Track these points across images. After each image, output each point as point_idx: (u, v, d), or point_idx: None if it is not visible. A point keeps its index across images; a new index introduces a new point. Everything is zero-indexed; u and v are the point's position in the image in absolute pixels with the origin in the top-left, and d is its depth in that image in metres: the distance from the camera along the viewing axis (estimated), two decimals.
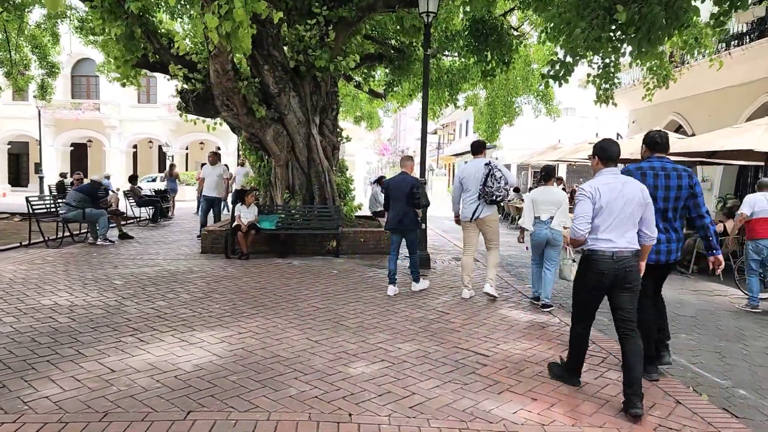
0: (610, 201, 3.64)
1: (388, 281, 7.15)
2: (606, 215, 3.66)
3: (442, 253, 10.88)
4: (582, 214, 3.67)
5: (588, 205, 3.66)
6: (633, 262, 3.69)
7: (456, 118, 50.15)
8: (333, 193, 11.01)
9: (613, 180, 3.72)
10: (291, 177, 10.81)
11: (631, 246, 3.70)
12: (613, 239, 3.65)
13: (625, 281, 3.68)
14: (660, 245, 4.18)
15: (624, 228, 3.67)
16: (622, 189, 3.68)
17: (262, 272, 8.11)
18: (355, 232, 10.15)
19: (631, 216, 3.67)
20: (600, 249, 3.67)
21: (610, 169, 3.78)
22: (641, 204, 3.70)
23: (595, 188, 3.68)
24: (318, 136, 10.81)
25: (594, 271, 3.70)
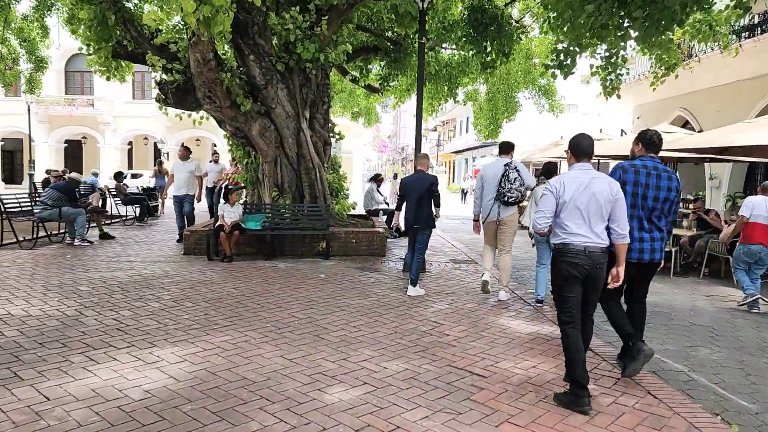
0: (575, 195, 3.65)
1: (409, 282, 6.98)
2: (571, 210, 3.67)
3: (438, 254, 10.31)
4: (543, 209, 3.75)
5: (550, 200, 3.72)
6: (603, 260, 3.72)
7: (456, 114, 49.57)
8: (324, 191, 10.45)
9: (581, 175, 3.71)
10: (279, 174, 10.25)
11: (601, 242, 3.70)
12: (584, 233, 3.66)
13: (595, 279, 3.74)
14: (643, 243, 4.15)
15: (592, 223, 3.67)
16: (590, 184, 3.66)
17: (244, 276, 7.54)
18: (347, 233, 9.58)
19: (598, 211, 3.66)
20: (572, 242, 3.68)
21: (581, 164, 3.78)
22: (609, 200, 3.67)
23: (561, 183, 3.70)
24: (308, 131, 10.24)
25: (567, 263, 3.70)
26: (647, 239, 4.17)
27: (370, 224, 10.70)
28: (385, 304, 6.32)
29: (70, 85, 34.59)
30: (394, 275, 8.07)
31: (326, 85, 10.76)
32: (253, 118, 9.35)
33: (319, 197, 10.33)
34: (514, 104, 19.79)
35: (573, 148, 3.85)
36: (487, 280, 6.80)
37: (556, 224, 3.78)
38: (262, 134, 9.55)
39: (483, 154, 42.50)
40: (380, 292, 6.91)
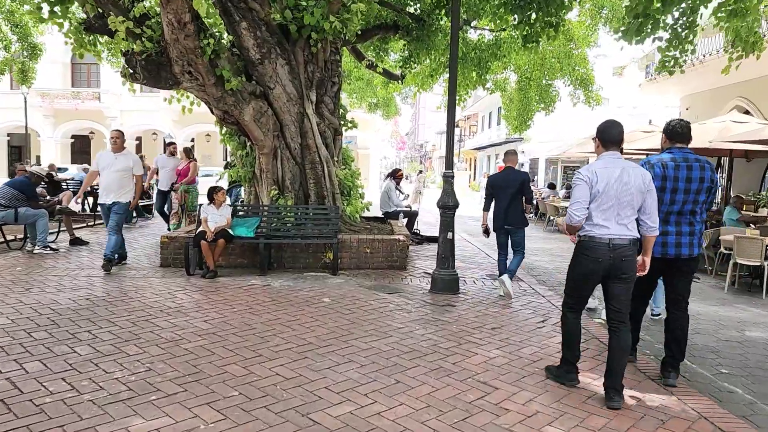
0: (607, 185, 3.47)
1: None
2: (603, 200, 3.49)
3: (471, 266, 8.47)
4: (578, 199, 3.51)
5: (585, 190, 3.50)
6: (629, 251, 3.54)
7: (479, 109, 47.51)
8: (333, 190, 8.67)
9: (612, 164, 3.53)
10: (280, 169, 8.49)
11: (629, 234, 3.54)
12: (609, 226, 3.50)
13: (620, 271, 3.53)
14: (667, 237, 3.91)
15: (622, 214, 3.50)
16: (621, 174, 3.48)
17: (224, 301, 5.79)
18: (360, 241, 7.78)
19: (630, 202, 3.50)
20: (596, 235, 3.52)
21: (610, 153, 3.60)
22: (641, 190, 3.51)
23: (593, 172, 3.50)
24: (314, 117, 8.47)
25: (589, 258, 3.57)
26: (672, 233, 3.92)
27: (388, 229, 8.89)
28: (411, 348, 4.50)
29: (77, 78, 33.31)
30: (419, 297, 6.26)
31: (336, 63, 8.97)
32: (245, 99, 7.59)
33: (327, 197, 8.56)
34: (550, 94, 17.81)
35: (600, 135, 3.64)
36: (597, 308, 6.06)
37: None
38: (256, 120, 7.78)
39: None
40: (403, 327, 5.11)
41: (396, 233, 8.29)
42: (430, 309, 5.81)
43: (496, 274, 7.74)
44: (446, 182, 6.58)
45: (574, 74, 17.84)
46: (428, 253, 9.56)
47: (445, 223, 6.58)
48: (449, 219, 6.56)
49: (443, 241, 6.57)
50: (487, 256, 9.57)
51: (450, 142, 6.55)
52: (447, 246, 6.56)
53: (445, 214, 6.58)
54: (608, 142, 3.59)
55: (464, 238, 11.95)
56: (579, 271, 3.68)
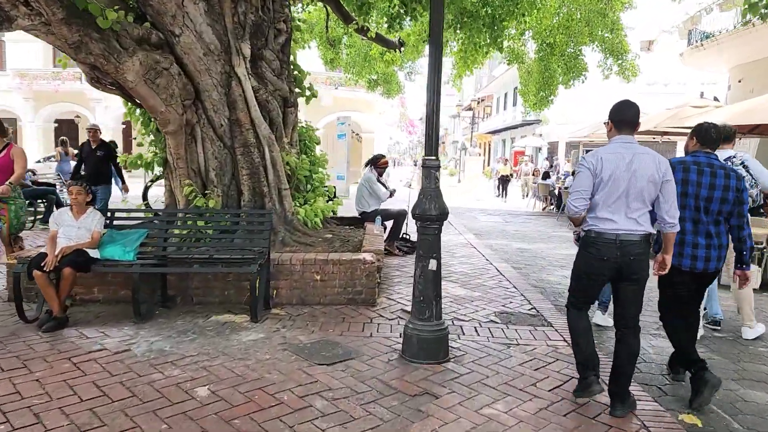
0: (614, 173, 3.11)
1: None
2: (609, 191, 3.13)
3: (475, 297, 5.82)
4: (578, 189, 3.20)
5: (587, 178, 3.17)
6: (640, 249, 3.14)
7: (494, 90, 44.46)
8: (279, 184, 6.08)
9: (624, 149, 3.16)
10: (200, 155, 5.92)
11: (640, 229, 3.14)
12: (616, 219, 3.13)
13: (630, 272, 3.17)
14: (698, 250, 3.59)
15: (632, 207, 3.12)
16: (632, 160, 3.11)
17: (13, 398, 3.24)
18: (304, 263, 5.15)
19: (640, 193, 3.11)
20: (602, 230, 3.16)
21: (623, 137, 3.22)
22: (655, 180, 3.11)
23: (598, 158, 3.16)
24: (249, 80, 5.88)
25: (594, 256, 3.21)
26: (702, 245, 3.59)
27: (356, 241, 6.23)
28: None
29: (59, 57, 30.89)
30: (381, 374, 3.66)
31: (282, 1, 6.31)
32: (126, 48, 4.97)
33: (268, 195, 5.97)
34: (579, 64, 14.92)
35: (613, 116, 3.26)
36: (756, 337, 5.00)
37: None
38: (150, 81, 5.17)
39: (523, 133, 37.46)
40: None
41: (364, 249, 5.65)
42: (394, 404, 3.21)
43: (513, 310, 5.09)
44: (427, 176, 3.93)
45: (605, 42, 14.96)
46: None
47: (425, 245, 3.94)
48: (431, 238, 3.92)
49: (422, 275, 3.94)
50: (499, 274, 6.91)
51: (433, 112, 3.87)
52: (428, 283, 3.93)
53: (424, 229, 3.95)
54: (622, 123, 3.23)
55: (469, 243, 9.28)
56: (583, 269, 3.32)
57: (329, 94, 27.03)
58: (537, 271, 7.66)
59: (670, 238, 3.31)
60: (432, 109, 3.86)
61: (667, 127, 11.18)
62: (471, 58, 12.99)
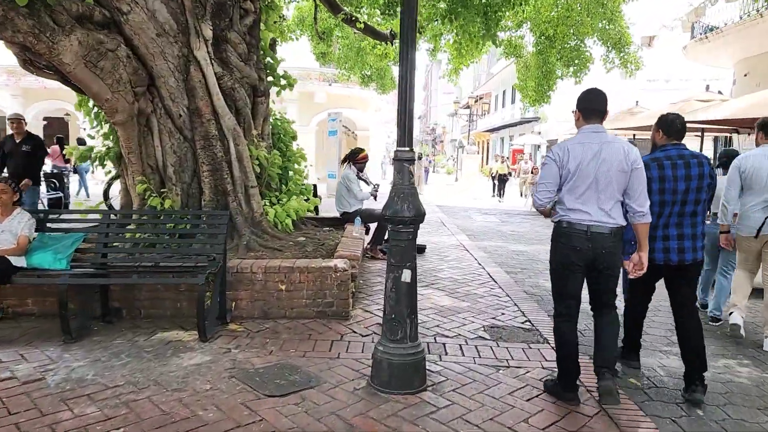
0: (582, 164, 3.06)
1: None
2: (576, 182, 3.08)
3: (463, 308, 5.20)
4: (543, 181, 3.18)
5: (552, 170, 3.13)
6: (612, 242, 3.09)
7: (491, 88, 43.80)
8: (246, 181, 5.47)
9: (591, 139, 3.11)
10: (158, 149, 5.29)
11: (611, 221, 3.08)
12: (588, 210, 3.07)
13: (604, 264, 3.12)
14: (669, 242, 3.55)
15: (602, 198, 3.07)
16: (601, 150, 3.06)
17: None
18: (267, 271, 4.51)
19: (609, 184, 3.06)
20: (573, 221, 3.10)
21: (591, 126, 3.16)
22: (624, 170, 3.06)
23: (565, 149, 3.10)
24: (211, 65, 5.26)
25: (567, 247, 3.14)
26: (674, 237, 3.55)
27: (330, 246, 5.60)
28: None
29: None
30: (344, 408, 3.04)
31: None
32: (63, 26, 4.34)
33: (232, 193, 5.35)
34: (582, 54, 14.26)
35: (581, 105, 3.21)
36: (739, 324, 4.65)
37: (557, 199, 3.18)
38: (91, 64, 4.53)
39: (522, 131, 36.80)
40: None
41: (337, 254, 5.02)
42: None
43: (505, 323, 4.47)
44: (399, 171, 3.30)
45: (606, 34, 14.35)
46: None
47: (397, 253, 3.31)
48: (405, 244, 3.29)
49: (394, 288, 3.32)
50: (491, 280, 6.29)
51: (406, 91, 3.24)
52: (401, 297, 3.30)
53: (397, 234, 3.32)
54: (590, 112, 3.17)
55: (461, 245, 8.66)
56: (558, 261, 3.24)
57: (323, 91, 26.38)
58: (533, 276, 7.04)
59: (642, 231, 3.20)
60: (405, 87, 3.22)
61: None
62: (466, 49, 12.38)
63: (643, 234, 3.20)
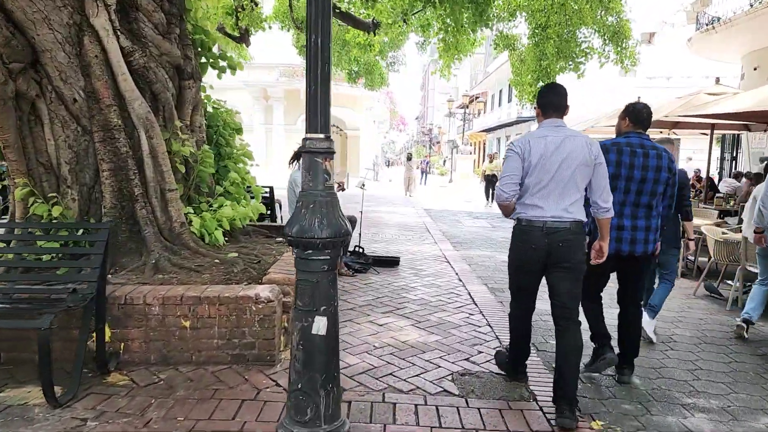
0: (543, 158, 3.01)
1: None
2: (538, 175, 3.02)
3: (430, 338, 4.11)
4: (508, 173, 3.09)
5: (516, 163, 3.06)
6: (570, 236, 3.02)
7: (487, 87, 42.70)
8: (161, 184, 4.37)
9: (552, 133, 3.06)
10: (50, 143, 4.20)
11: (569, 216, 3.01)
12: (545, 206, 3.02)
13: (561, 259, 3.03)
14: (622, 232, 3.52)
15: (562, 193, 3.01)
16: (562, 144, 3.01)
17: None
18: (165, 302, 3.41)
19: (572, 178, 3.01)
20: (530, 218, 3.06)
21: (551, 121, 3.13)
22: (586, 164, 3.01)
23: (526, 142, 3.07)
24: (116, 38, 4.17)
25: (524, 245, 3.12)
26: (627, 227, 3.54)
27: (269, 263, 4.46)
28: None
29: None
30: None
31: None
32: None
33: (141, 200, 4.25)
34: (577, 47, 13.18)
35: (540, 100, 3.19)
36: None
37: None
38: None
39: (518, 131, 35.74)
40: None
41: (267, 277, 3.90)
42: None
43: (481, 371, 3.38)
44: (310, 169, 2.21)
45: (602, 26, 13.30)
46: (369, 294, 5.24)
47: (306, 292, 2.21)
48: (317, 279, 2.20)
49: (302, 343, 2.23)
50: (471, 302, 5.20)
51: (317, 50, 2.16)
52: (312, 357, 2.22)
53: (305, 263, 2.22)
54: (549, 107, 3.14)
55: (443, 256, 7.58)
56: (514, 258, 3.25)
57: None
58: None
59: (604, 224, 3.18)
60: (314, 44, 2.14)
61: (680, 116, 9.50)
62: (454, 40, 11.36)
63: (606, 227, 3.18)
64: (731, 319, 5.35)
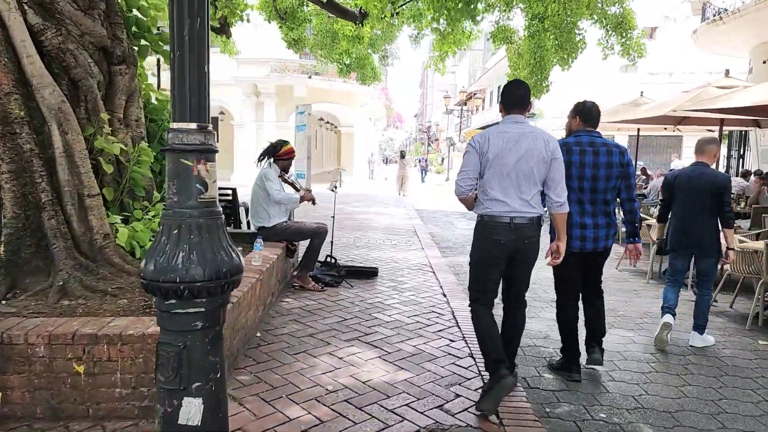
0: (500, 153, 3.05)
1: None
2: (497, 169, 3.06)
3: (390, 392, 3.38)
4: (464, 169, 3.14)
5: (473, 158, 3.11)
6: (532, 232, 3.13)
7: (486, 84, 41.93)
8: (82, 188, 3.63)
9: (511, 129, 3.11)
10: None
11: (532, 211, 3.10)
12: (508, 201, 3.06)
13: (524, 255, 3.15)
14: (586, 231, 3.59)
15: (523, 188, 3.07)
16: (520, 140, 3.06)
17: None
18: (52, 340, 2.68)
19: (530, 174, 3.06)
20: (495, 213, 3.09)
21: (512, 117, 3.17)
22: (544, 159, 3.06)
23: (485, 138, 3.12)
24: (20, 11, 3.44)
25: (489, 240, 3.12)
26: (590, 225, 3.59)
27: None
28: None
29: None
30: None
31: None
32: None
33: (51, 207, 3.52)
34: (574, 40, 12.46)
35: (503, 98, 3.22)
36: None
37: (478, 189, 3.18)
38: None
39: None
40: None
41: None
42: None
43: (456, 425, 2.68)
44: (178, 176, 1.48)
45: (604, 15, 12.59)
46: (335, 314, 4.50)
47: (169, 362, 1.48)
48: (189, 343, 1.47)
49: None
50: (455, 325, 4.47)
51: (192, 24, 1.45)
52: None
53: (165, 314, 1.49)
54: (510, 103, 3.18)
55: (429, 265, 6.85)
56: (480, 255, 3.20)
57: (302, 84, 24.47)
58: None
59: (559, 221, 3.21)
60: None
61: (688, 110, 8.76)
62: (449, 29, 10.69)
63: (561, 223, 3.21)
64: (753, 341, 4.65)
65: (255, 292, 3.86)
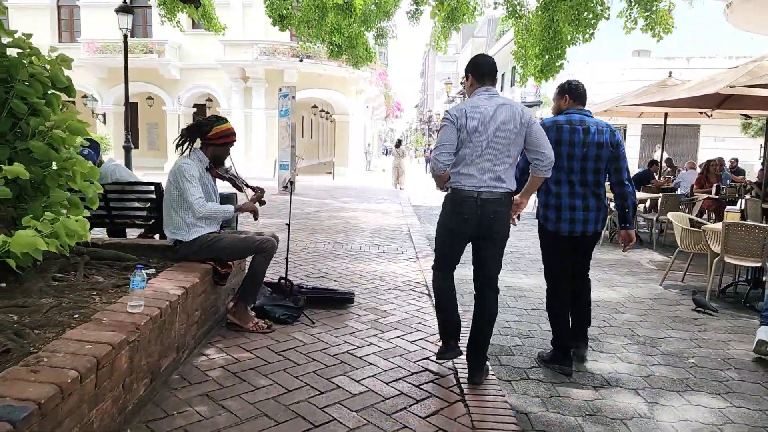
0: (478, 126, 2.99)
1: None
2: (473, 145, 3.01)
3: None
4: (442, 143, 3.04)
5: (450, 132, 3.03)
6: (501, 207, 3.07)
7: None
8: None
9: (485, 102, 3.04)
10: None
11: (503, 186, 3.04)
12: (478, 176, 3.01)
13: (490, 229, 3.08)
14: (575, 213, 3.49)
15: (495, 161, 3.01)
16: (496, 112, 3.00)
17: None
18: None
19: (506, 147, 3.01)
20: (463, 187, 3.03)
21: (484, 89, 3.12)
22: (519, 131, 3.00)
23: (462, 111, 3.03)
24: None
25: (454, 213, 3.09)
26: (579, 207, 3.48)
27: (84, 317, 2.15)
28: None
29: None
30: None
31: None
32: None
33: None
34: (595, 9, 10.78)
35: (472, 69, 3.18)
36: None
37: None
38: None
39: None
40: None
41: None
42: None
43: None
44: None
45: None
46: (262, 387, 2.92)
47: None
48: None
49: None
50: (459, 399, 2.90)
51: None
52: None
53: None
54: (482, 75, 3.14)
55: (422, 283, 5.26)
56: (444, 226, 3.21)
57: (293, 68, 22.73)
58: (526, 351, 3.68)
59: (536, 183, 3.17)
60: None
61: (743, 85, 7.13)
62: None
63: (534, 186, 3.20)
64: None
65: (109, 373, 2.25)
